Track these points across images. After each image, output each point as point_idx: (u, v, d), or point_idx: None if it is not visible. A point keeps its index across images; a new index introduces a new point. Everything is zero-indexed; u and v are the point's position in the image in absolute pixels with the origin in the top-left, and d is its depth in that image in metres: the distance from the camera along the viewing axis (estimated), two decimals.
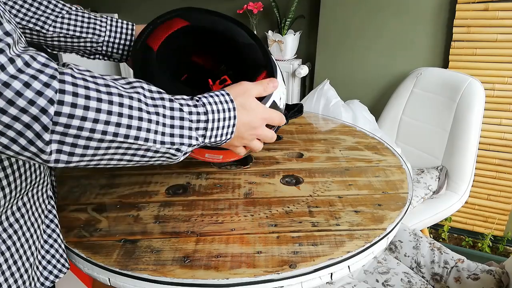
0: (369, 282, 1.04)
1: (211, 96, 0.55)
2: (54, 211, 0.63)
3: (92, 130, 0.42)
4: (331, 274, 0.60)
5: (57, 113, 0.39)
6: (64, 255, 0.63)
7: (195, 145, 0.52)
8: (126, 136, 0.45)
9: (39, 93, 0.38)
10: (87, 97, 0.41)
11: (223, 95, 0.56)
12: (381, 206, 0.74)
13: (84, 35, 0.76)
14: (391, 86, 1.75)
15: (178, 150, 0.50)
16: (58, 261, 0.61)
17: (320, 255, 0.61)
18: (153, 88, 0.49)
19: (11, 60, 0.36)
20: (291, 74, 1.92)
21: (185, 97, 0.53)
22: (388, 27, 1.72)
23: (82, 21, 0.75)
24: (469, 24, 1.55)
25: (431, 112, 1.52)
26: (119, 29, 0.78)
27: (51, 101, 0.38)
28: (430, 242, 1.12)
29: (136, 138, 0.46)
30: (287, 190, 0.80)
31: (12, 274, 0.53)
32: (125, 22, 0.80)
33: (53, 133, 0.40)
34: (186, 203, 0.76)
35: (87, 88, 0.41)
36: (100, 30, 0.77)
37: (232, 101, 0.56)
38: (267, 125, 0.65)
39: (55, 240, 0.61)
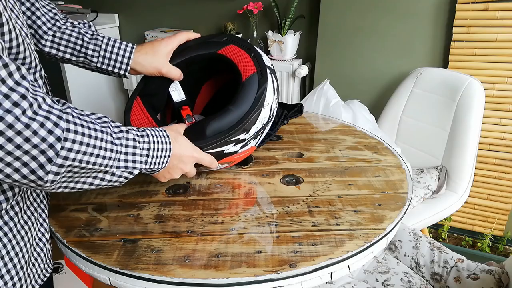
0: (369, 282, 1.05)
1: (153, 131, 0.63)
2: (46, 212, 0.64)
3: (80, 161, 0.49)
4: (331, 273, 0.60)
5: (62, 148, 0.45)
6: (50, 256, 0.64)
7: (140, 169, 0.59)
8: (101, 165, 0.52)
9: (50, 132, 0.44)
10: (83, 134, 0.48)
11: (161, 131, 0.64)
12: (381, 206, 0.74)
13: (74, 58, 0.77)
14: (391, 86, 1.75)
15: (130, 173, 0.58)
16: (45, 263, 0.62)
17: (320, 254, 0.61)
18: (113, 123, 0.57)
19: (30, 105, 0.42)
20: (291, 74, 1.92)
21: (134, 128, 0.61)
22: (388, 27, 1.72)
23: (75, 43, 0.75)
24: (469, 24, 1.55)
25: (431, 112, 1.52)
26: (113, 56, 0.76)
27: (58, 139, 0.45)
28: (430, 241, 1.12)
29: (106, 165, 0.53)
30: (287, 190, 0.80)
31: (8, 271, 0.54)
32: (123, 46, 0.77)
33: (54, 164, 0.45)
34: (186, 202, 0.76)
35: (82, 126, 0.49)
36: (93, 56, 0.76)
37: (168, 136, 0.64)
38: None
39: (44, 244, 0.62)
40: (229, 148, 0.74)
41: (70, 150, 0.46)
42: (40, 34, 0.73)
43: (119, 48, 0.76)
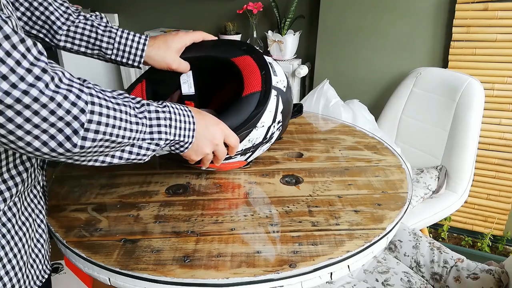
0: (369, 282, 1.05)
1: (173, 104, 0.63)
2: (44, 212, 0.64)
3: (111, 134, 0.50)
4: (331, 273, 0.60)
5: (89, 121, 0.47)
6: (48, 258, 0.64)
7: (166, 140, 0.59)
8: (126, 137, 0.53)
9: (74, 104, 0.45)
10: (107, 107, 0.50)
11: (181, 105, 0.64)
12: (381, 206, 0.74)
13: (89, 51, 0.77)
14: (391, 85, 1.75)
15: (157, 144, 0.58)
16: (43, 264, 0.62)
17: (320, 254, 0.61)
18: (133, 98, 0.57)
19: (52, 78, 0.43)
20: (291, 74, 1.92)
21: (155, 102, 0.61)
22: (388, 27, 1.72)
23: (89, 36, 0.76)
24: (469, 24, 1.55)
25: (430, 112, 1.52)
26: (127, 48, 0.77)
27: (82, 111, 0.46)
28: (430, 241, 1.12)
29: (131, 138, 0.54)
30: (287, 189, 0.80)
31: (7, 273, 0.54)
32: (136, 39, 0.77)
33: (81, 138, 0.47)
34: (186, 202, 0.76)
35: (105, 99, 0.50)
36: (107, 48, 0.77)
37: (189, 110, 0.64)
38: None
39: (42, 246, 0.62)
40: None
41: (94, 122, 0.47)
42: (55, 29, 0.74)
43: (132, 41, 0.77)
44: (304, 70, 1.87)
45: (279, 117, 0.78)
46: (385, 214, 0.71)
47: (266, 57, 0.79)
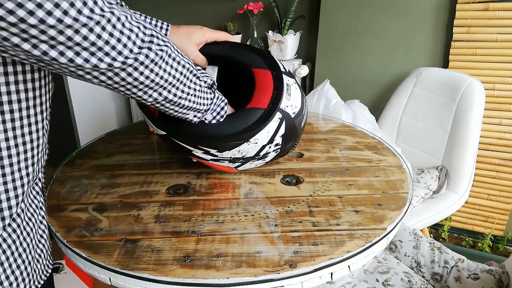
0: (369, 282, 1.05)
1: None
2: (44, 208, 0.64)
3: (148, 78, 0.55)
4: (331, 273, 0.60)
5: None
6: (50, 253, 0.64)
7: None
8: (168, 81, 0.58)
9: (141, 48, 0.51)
10: (174, 77, 0.59)
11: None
12: (381, 206, 0.74)
13: None
14: (391, 86, 1.75)
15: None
16: (46, 259, 0.63)
17: (320, 254, 0.61)
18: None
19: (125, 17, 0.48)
20: None
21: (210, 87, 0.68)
22: (388, 27, 1.72)
23: None
24: (469, 24, 1.55)
25: (431, 112, 1.52)
26: None
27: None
28: (430, 241, 1.12)
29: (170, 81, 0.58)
30: (287, 190, 0.80)
31: (18, 266, 0.54)
32: (159, 24, 0.78)
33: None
34: (186, 202, 0.76)
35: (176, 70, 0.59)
36: None
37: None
38: None
39: (46, 241, 0.62)
40: (198, 153, 0.74)
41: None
42: None
43: (155, 26, 0.77)
44: (304, 70, 1.87)
45: (278, 140, 0.75)
46: (385, 214, 0.71)
47: (288, 78, 0.76)
